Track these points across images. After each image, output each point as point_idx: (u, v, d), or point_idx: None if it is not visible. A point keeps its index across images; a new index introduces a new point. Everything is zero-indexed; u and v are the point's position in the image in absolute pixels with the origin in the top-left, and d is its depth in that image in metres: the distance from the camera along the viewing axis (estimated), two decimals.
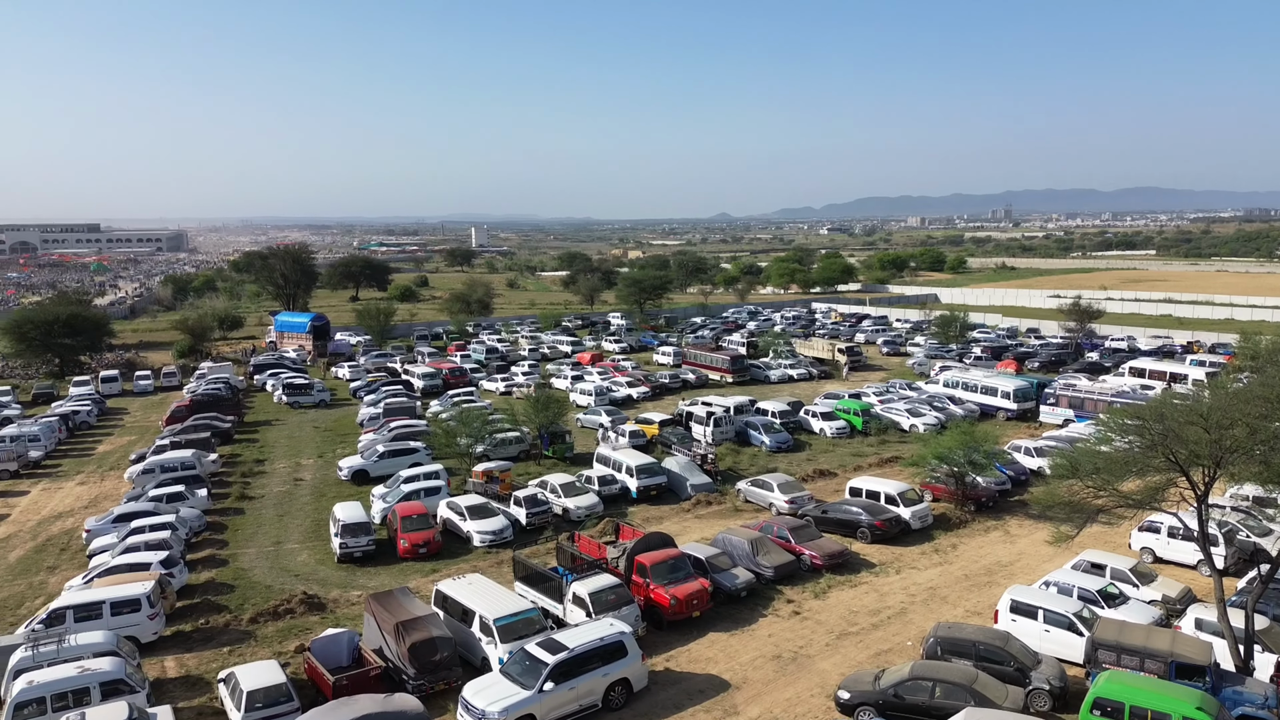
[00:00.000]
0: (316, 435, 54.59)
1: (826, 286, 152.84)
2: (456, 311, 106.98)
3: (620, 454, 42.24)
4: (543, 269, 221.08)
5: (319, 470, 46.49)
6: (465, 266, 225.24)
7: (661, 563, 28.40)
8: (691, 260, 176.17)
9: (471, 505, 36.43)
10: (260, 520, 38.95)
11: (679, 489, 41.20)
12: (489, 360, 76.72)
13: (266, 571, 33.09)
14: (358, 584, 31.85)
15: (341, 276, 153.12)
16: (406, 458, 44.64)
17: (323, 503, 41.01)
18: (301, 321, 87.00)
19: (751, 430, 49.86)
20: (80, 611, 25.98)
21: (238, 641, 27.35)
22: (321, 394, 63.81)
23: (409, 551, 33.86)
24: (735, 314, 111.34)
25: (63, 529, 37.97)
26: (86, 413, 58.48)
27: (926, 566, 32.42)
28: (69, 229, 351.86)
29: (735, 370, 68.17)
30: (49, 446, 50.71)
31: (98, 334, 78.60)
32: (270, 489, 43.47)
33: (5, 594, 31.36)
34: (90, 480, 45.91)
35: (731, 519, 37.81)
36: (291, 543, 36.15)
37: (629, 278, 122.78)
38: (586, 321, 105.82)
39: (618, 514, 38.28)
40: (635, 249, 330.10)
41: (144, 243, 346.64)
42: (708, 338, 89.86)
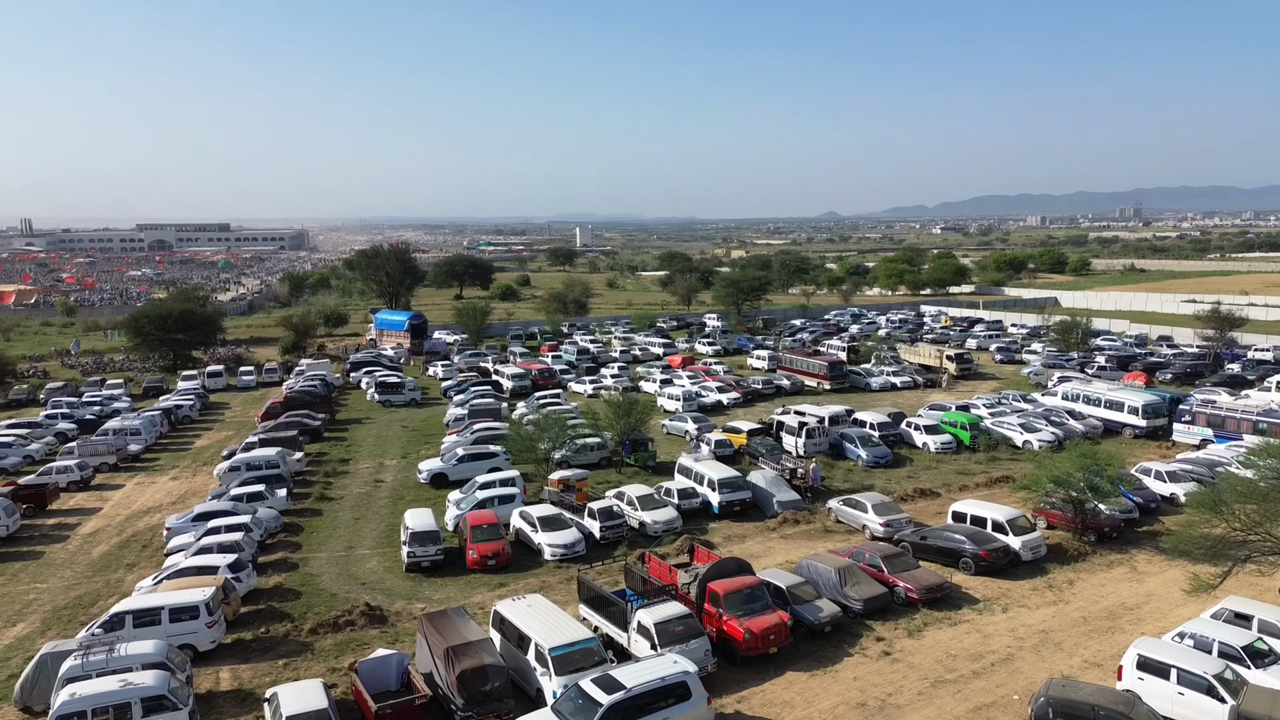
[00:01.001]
0: (403, 435, 54.42)
1: (937, 288, 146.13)
2: (553, 311, 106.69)
3: (702, 465, 40.01)
4: (643, 269, 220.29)
5: (400, 472, 46.03)
6: (567, 266, 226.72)
7: (737, 591, 26.08)
8: (794, 260, 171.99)
9: (544, 516, 34.92)
10: (336, 523, 38.52)
11: (764, 505, 38.69)
12: (579, 361, 75.61)
13: (334, 578, 32.38)
14: (422, 595, 30.74)
15: (446, 275, 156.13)
16: (485, 462, 43.61)
17: (399, 506, 40.32)
18: (400, 320, 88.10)
19: (847, 443, 46.78)
20: (139, 617, 25.61)
21: (295, 654, 26.50)
22: (413, 393, 63.91)
23: (477, 563, 32.58)
24: (837, 316, 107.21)
25: (148, 525, 38.44)
26: (189, 407, 60.11)
27: (1038, 605, 28.96)
28: (202, 228, 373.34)
29: (833, 377, 64.84)
30: (149, 440, 52.09)
31: (209, 330, 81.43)
32: (350, 490, 43.17)
33: (82, 590, 31.63)
34: (183, 476, 46.75)
35: (820, 541, 35.07)
36: (363, 548, 35.46)
37: (726, 278, 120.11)
38: (682, 322, 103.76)
39: (697, 531, 36.10)
40: (738, 248, 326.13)
41: (268, 241, 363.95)
42: (806, 341, 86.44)
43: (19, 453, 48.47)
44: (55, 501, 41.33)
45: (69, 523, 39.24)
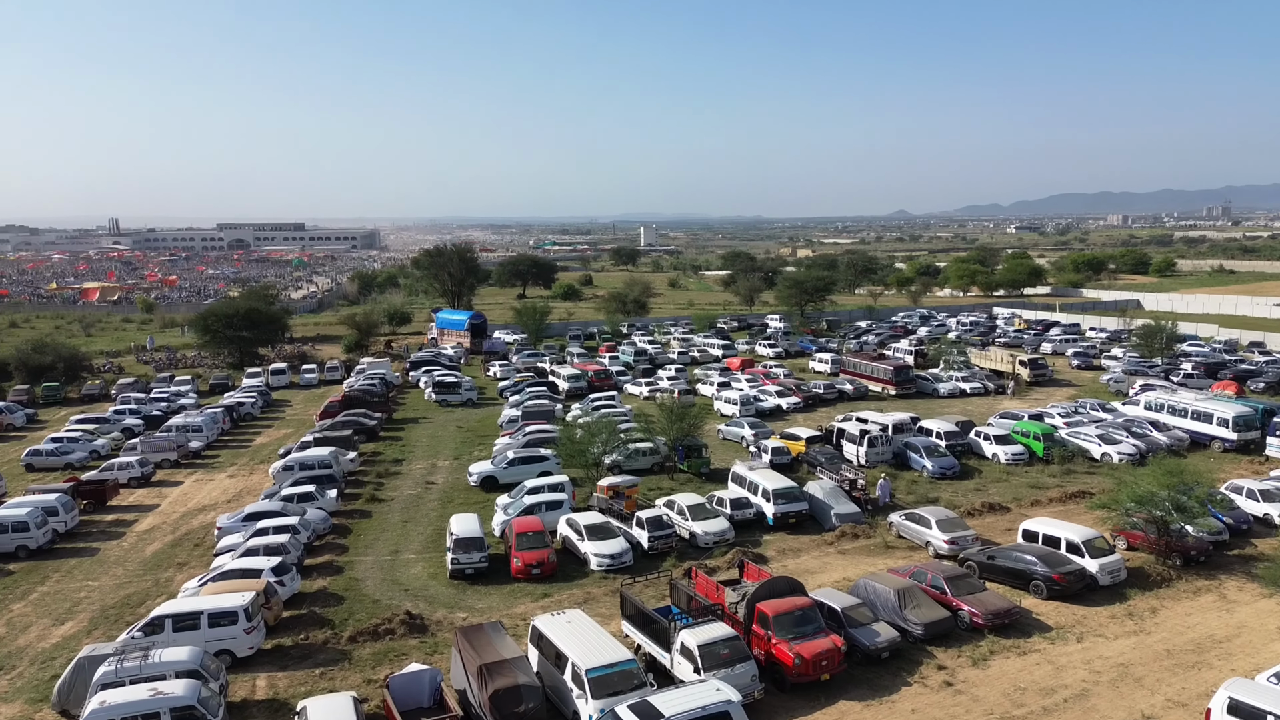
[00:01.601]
0: (458, 436, 54.15)
1: (1011, 290, 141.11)
2: (612, 311, 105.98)
3: (757, 474, 38.55)
4: (706, 268, 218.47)
5: (452, 473, 45.63)
6: (630, 265, 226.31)
7: (787, 613, 24.64)
8: (861, 259, 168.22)
9: (591, 524, 33.94)
10: (384, 525, 38.20)
11: (822, 518, 37.06)
12: (636, 362, 74.62)
13: (377, 584, 31.92)
14: (465, 604, 30.04)
15: (510, 274, 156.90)
16: (536, 466, 42.88)
17: (448, 509, 39.83)
18: (460, 319, 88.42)
19: (911, 452, 44.71)
20: (179, 621, 25.41)
21: (332, 663, 26.00)
22: (469, 392, 63.75)
23: (522, 572, 31.77)
24: (905, 318, 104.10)
25: (201, 524, 38.68)
26: (251, 404, 60.94)
27: (1116, 635, 26.81)
28: (278, 228, 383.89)
29: (899, 382, 62.49)
30: (210, 437, 52.82)
31: (274, 327, 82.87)
32: (401, 491, 42.90)
33: (131, 590, 31.79)
34: (240, 473, 47.17)
35: (879, 557, 33.33)
36: (409, 552, 35.00)
37: (790, 278, 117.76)
38: (743, 323, 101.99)
39: (750, 543, 34.68)
40: (804, 247, 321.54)
41: (341, 240, 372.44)
42: (872, 344, 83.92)
43: (85, 448, 49.58)
44: (115, 498, 42.00)
45: (126, 519, 39.77)
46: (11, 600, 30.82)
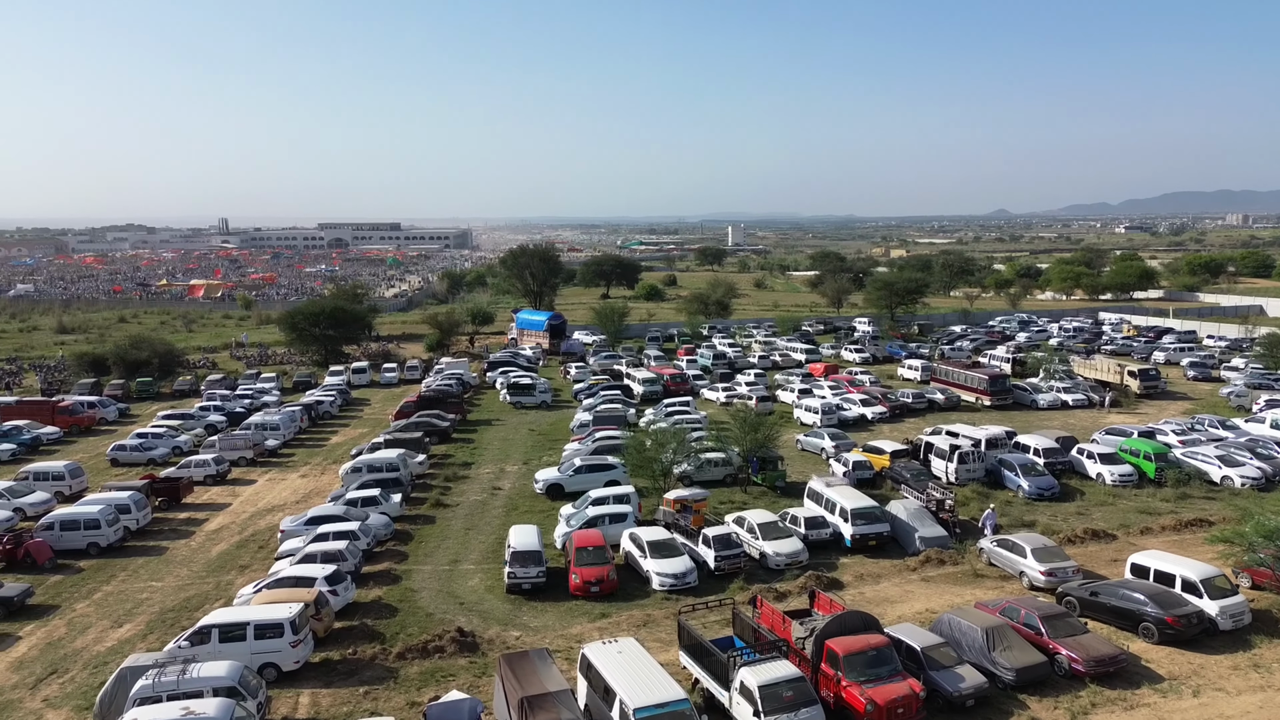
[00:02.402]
0: (529, 439, 53.23)
1: (1119, 293, 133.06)
2: (693, 312, 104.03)
3: (835, 491, 36.16)
4: (794, 268, 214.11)
5: (520, 479, 44.62)
6: (715, 265, 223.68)
7: (860, 653, 22.41)
8: (957, 260, 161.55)
9: (654, 541, 32.24)
10: (446, 532, 37.34)
11: (905, 540, 34.45)
12: (714, 366, 72.54)
13: (433, 595, 30.95)
14: (519, 622, 28.75)
15: (594, 274, 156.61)
16: (603, 474, 41.44)
17: (512, 518, 38.77)
18: (539, 320, 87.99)
19: (1006, 470, 41.50)
20: (226, 632, 24.81)
21: (379, 680, 25.01)
22: (544, 395, 62.89)
23: (580, 589, 30.31)
24: (1003, 323, 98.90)
25: (268, 525, 38.57)
26: (330, 403, 61.43)
27: (1240, 690, 23.60)
28: (375, 227, 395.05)
29: (994, 392, 58.70)
30: (287, 435, 53.26)
31: (358, 326, 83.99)
32: (467, 497, 42.07)
33: (191, 592, 31.64)
34: (311, 474, 47.23)
35: (967, 587, 30.61)
36: (468, 563, 33.98)
37: (880, 279, 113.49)
38: (829, 326, 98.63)
39: (824, 566, 32.40)
40: (898, 247, 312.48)
41: (434, 240, 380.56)
42: (966, 350, 79.70)
43: (168, 444, 50.54)
44: (189, 495, 42.37)
45: (198, 518, 40.04)
46: (77, 599, 31.02)
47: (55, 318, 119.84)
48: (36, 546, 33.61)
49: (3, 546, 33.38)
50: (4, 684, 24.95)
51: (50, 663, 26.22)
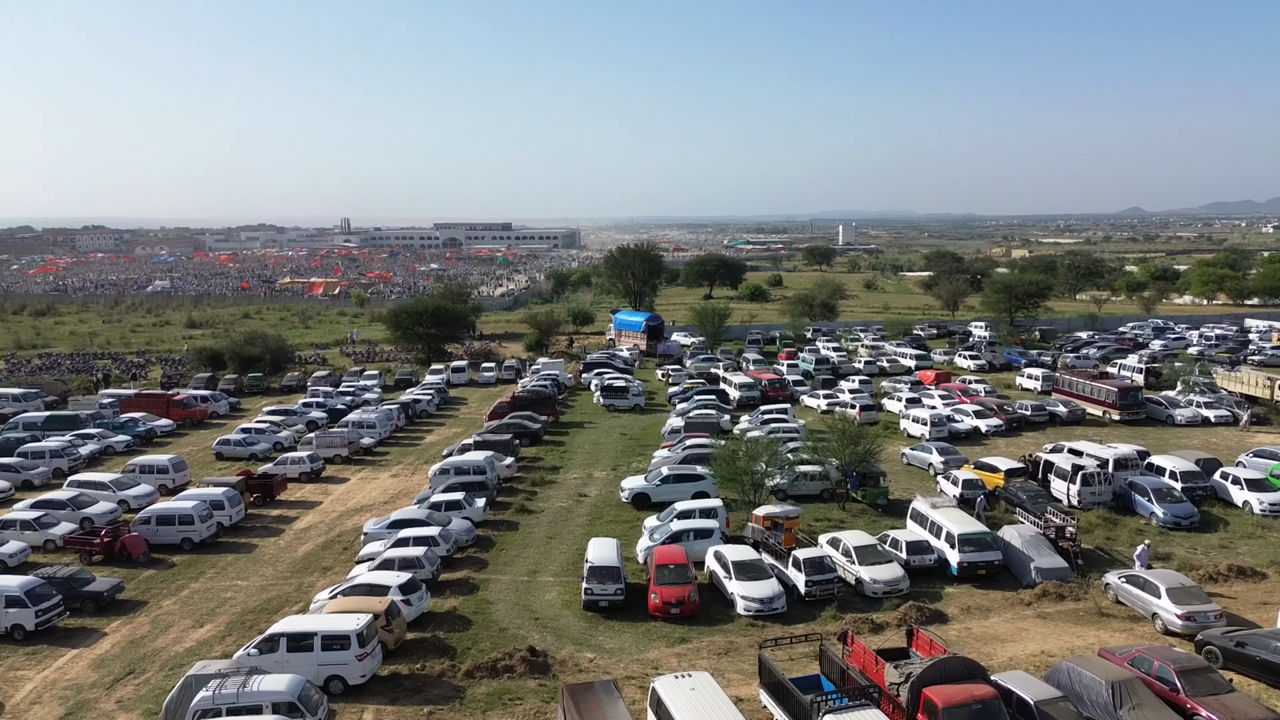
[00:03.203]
0: (620, 444, 51.98)
1: (1268, 298, 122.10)
2: (798, 314, 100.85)
3: (940, 514, 33.32)
4: (907, 269, 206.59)
5: (607, 486, 43.35)
6: (824, 265, 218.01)
7: (963, 705, 19.93)
8: (1085, 261, 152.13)
9: (740, 561, 30.30)
10: (528, 540, 36.35)
11: (1019, 570, 31.37)
12: (816, 371, 69.61)
13: (508, 608, 29.91)
14: (594, 642, 27.36)
15: (697, 274, 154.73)
16: (691, 485, 39.70)
17: (595, 527, 37.49)
18: (637, 321, 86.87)
19: (1137, 495, 37.59)
20: (293, 641, 24.32)
21: (444, 700, 24.03)
22: (637, 397, 61.58)
23: (659, 610, 28.67)
24: (1135, 329, 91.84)
25: (355, 525, 38.48)
26: (427, 402, 61.79)
27: None
28: (488, 227, 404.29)
29: (1125, 406, 53.82)
30: (383, 434, 53.64)
31: (460, 325, 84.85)
32: (552, 503, 41.06)
33: (273, 594, 31.59)
34: (403, 473, 47.24)
35: (1090, 627, 27.46)
36: (547, 574, 32.84)
37: (999, 280, 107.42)
38: (942, 331, 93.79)
39: (927, 597, 29.74)
40: (1019, 247, 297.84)
41: (543, 240, 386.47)
42: (1093, 359, 74.06)
43: (270, 439, 51.58)
44: (283, 492, 42.88)
45: (289, 515, 40.39)
46: (164, 595, 31.42)
47: (185, 313, 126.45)
48: (132, 540, 34.36)
49: (101, 540, 34.20)
50: (83, 682, 25.19)
51: (129, 662, 26.41)
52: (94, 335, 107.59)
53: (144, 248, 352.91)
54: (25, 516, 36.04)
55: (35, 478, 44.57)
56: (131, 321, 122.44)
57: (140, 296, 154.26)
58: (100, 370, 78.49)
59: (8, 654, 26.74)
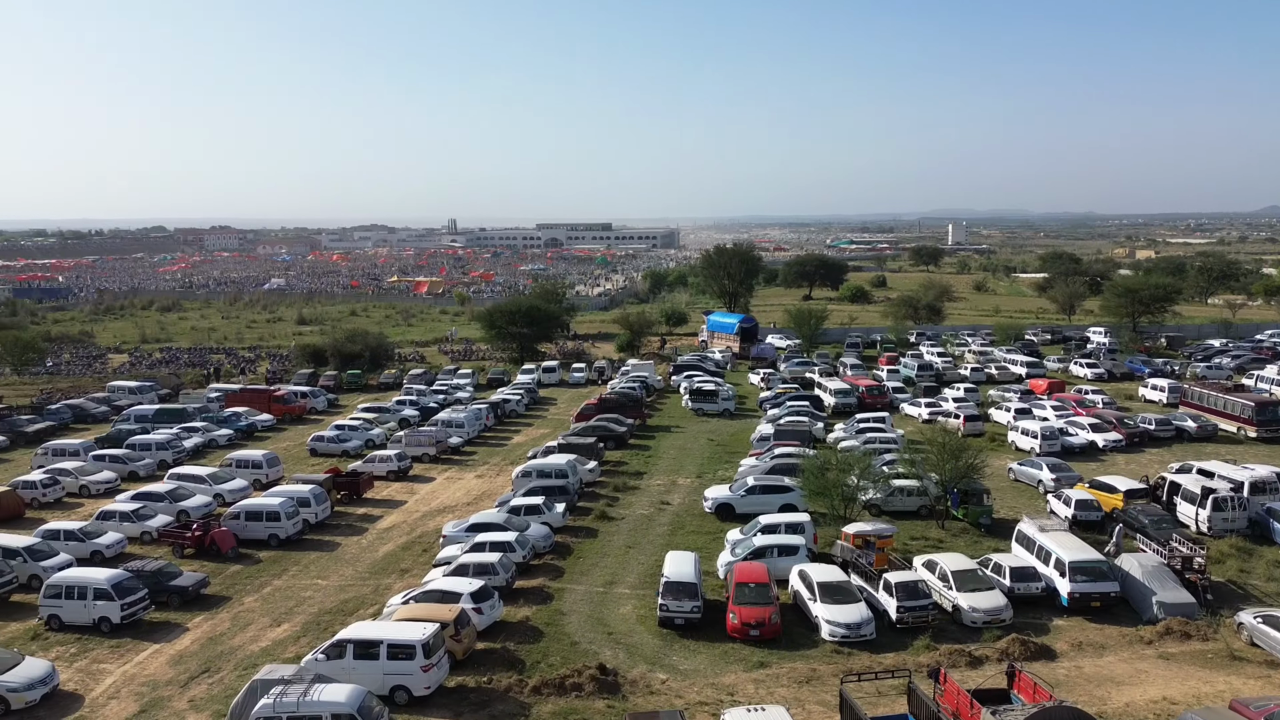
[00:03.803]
0: (707, 450, 50.52)
1: None
2: (900, 316, 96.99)
3: (1051, 538, 30.65)
4: (1021, 270, 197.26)
5: (691, 494, 41.98)
6: (931, 266, 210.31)
7: None
8: (1217, 263, 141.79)
9: (826, 582, 28.48)
10: (606, 549, 35.35)
11: (1139, 604, 28.51)
12: (919, 377, 66.37)
13: (581, 621, 28.94)
14: (668, 662, 26.09)
15: (796, 275, 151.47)
16: (778, 497, 37.95)
17: (676, 538, 36.23)
18: (730, 322, 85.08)
19: (1276, 523, 33.85)
20: (360, 648, 23.94)
21: (507, 717, 23.21)
22: (727, 402, 59.94)
23: (738, 631, 27.19)
24: (1275, 338, 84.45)
25: (436, 527, 38.26)
26: (516, 402, 61.71)
27: None
28: (589, 227, 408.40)
29: (1263, 422, 48.98)
30: (471, 433, 53.71)
31: (552, 325, 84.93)
32: (633, 511, 39.97)
33: (350, 595, 31.53)
34: (488, 474, 47.04)
35: (1221, 672, 24.57)
36: (624, 586, 31.75)
37: (1121, 283, 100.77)
38: (1057, 336, 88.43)
39: (1032, 629, 27.28)
40: (1144, 248, 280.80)
41: (643, 240, 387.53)
42: (1226, 369, 68.25)
43: (362, 436, 52.29)
44: (369, 491, 43.19)
45: (373, 514, 40.59)
46: (247, 592, 31.77)
47: (297, 310, 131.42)
48: (221, 535, 35.01)
49: (192, 534, 34.97)
50: (160, 678, 25.48)
51: (205, 660, 26.62)
52: (212, 330, 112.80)
53: (265, 246, 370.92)
54: (125, 508, 37.28)
55: (141, 469, 46.28)
56: (248, 317, 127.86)
57: (257, 294, 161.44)
58: (212, 364, 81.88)
59: (93, 646, 27.39)
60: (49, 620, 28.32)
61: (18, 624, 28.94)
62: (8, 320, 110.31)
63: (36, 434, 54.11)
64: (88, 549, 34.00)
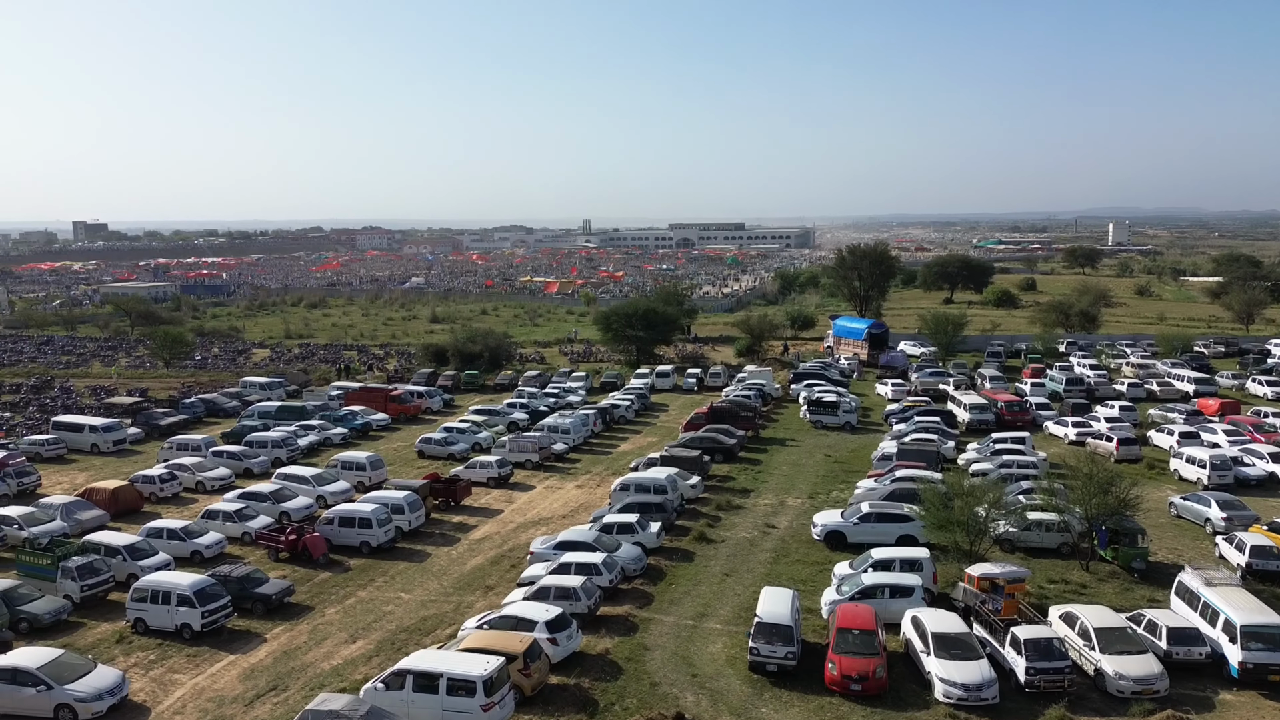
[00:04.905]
0: (823, 467, 47.11)
1: None
2: (1050, 323, 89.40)
3: (1218, 594, 25.98)
4: (1191, 273, 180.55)
5: (800, 516, 38.84)
6: (1087, 268, 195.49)
7: None
8: None
9: (943, 633, 25.00)
10: (701, 576, 32.82)
11: None
12: (1067, 393, 60.23)
13: (665, 659, 26.57)
14: (756, 715, 23.47)
15: (936, 277, 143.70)
16: (895, 527, 34.39)
17: (778, 567, 33.33)
18: (859, 327, 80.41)
19: None
20: (420, 680, 22.47)
21: None
22: (849, 414, 56.04)
23: (837, 683, 24.16)
24: None
25: (529, 540, 36.67)
26: (626, 407, 59.90)
27: None
28: (721, 227, 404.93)
29: None
30: (576, 440, 52.23)
31: (669, 328, 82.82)
32: (735, 533, 37.23)
33: (430, 611, 30.33)
34: (589, 485, 45.34)
35: None
36: (716, 619, 29.18)
37: None
38: (1232, 348, 79.10)
39: (1193, 704, 23.05)
40: None
41: (776, 240, 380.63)
42: None
43: (469, 439, 51.70)
44: (468, 497, 42.25)
45: (469, 523, 39.57)
46: (329, 603, 31.11)
47: (430, 308, 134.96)
48: (314, 541, 34.68)
49: (286, 538, 34.81)
50: (228, 694, 24.87)
51: (275, 676, 25.88)
52: (350, 327, 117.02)
53: (411, 246, 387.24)
54: (228, 508, 37.67)
55: (255, 466, 47.12)
56: (385, 315, 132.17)
57: (396, 292, 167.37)
58: (343, 361, 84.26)
59: (172, 654, 27.20)
60: (135, 624, 28.41)
61: (109, 625, 29.22)
62: (169, 315, 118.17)
63: (169, 427, 56.41)
64: (188, 549, 34.39)
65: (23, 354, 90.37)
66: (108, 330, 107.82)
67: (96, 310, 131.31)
